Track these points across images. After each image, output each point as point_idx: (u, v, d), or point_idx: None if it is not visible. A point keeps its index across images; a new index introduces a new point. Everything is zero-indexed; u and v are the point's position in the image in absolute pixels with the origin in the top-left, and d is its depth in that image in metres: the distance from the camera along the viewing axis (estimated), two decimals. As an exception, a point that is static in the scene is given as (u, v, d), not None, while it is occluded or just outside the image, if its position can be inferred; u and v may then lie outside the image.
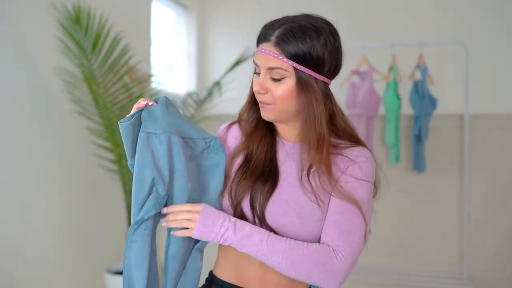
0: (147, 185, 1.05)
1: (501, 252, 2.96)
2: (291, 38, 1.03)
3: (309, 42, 1.03)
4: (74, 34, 2.26)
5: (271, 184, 1.09)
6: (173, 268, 1.09)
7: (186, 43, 3.72)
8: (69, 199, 2.48)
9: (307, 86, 1.05)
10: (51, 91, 2.35)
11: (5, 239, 2.10)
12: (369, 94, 2.82)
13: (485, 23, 3.07)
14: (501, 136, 2.96)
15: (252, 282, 1.12)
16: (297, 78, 1.04)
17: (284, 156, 1.14)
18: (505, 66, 3.03)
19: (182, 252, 1.09)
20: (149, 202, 1.05)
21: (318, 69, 1.05)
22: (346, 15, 3.22)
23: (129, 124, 1.04)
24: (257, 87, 1.07)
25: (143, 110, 1.07)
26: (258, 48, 1.08)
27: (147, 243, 1.05)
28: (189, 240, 1.11)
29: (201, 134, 1.14)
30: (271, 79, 1.06)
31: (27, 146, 2.22)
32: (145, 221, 1.04)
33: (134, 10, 3.03)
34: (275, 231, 1.07)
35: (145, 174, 1.05)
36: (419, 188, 3.08)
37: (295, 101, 1.07)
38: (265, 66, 1.06)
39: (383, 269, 2.99)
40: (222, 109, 3.28)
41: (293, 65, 1.03)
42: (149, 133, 1.06)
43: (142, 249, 1.04)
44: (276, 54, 1.04)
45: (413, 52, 2.90)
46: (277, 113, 1.09)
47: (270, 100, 1.07)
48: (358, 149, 1.11)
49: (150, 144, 1.06)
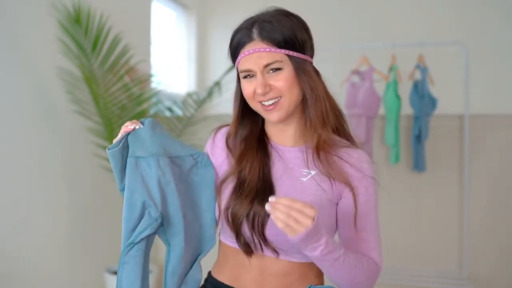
0: (138, 209, 1.06)
1: (501, 252, 2.95)
2: (273, 28, 1.03)
3: (289, 26, 1.04)
4: (74, 34, 2.26)
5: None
6: (172, 283, 1.09)
7: (186, 43, 3.72)
8: (69, 199, 2.48)
9: (303, 70, 1.05)
10: (51, 91, 2.35)
11: (5, 239, 2.10)
12: (369, 94, 2.82)
13: (485, 23, 3.07)
14: (501, 136, 2.96)
15: (249, 285, 1.11)
16: (293, 64, 1.04)
17: (280, 170, 1.11)
18: (505, 66, 3.03)
19: (181, 267, 1.09)
20: (142, 225, 1.06)
21: (304, 50, 1.06)
22: (346, 15, 3.22)
23: (117, 151, 1.05)
24: (261, 88, 1.04)
25: (129, 134, 1.07)
26: (242, 53, 1.06)
27: (139, 265, 1.05)
28: (188, 256, 1.11)
29: (188, 150, 1.15)
30: (270, 74, 1.04)
31: (27, 146, 2.22)
32: (137, 243, 1.05)
33: (134, 10, 3.03)
34: (277, 251, 1.07)
35: (136, 199, 1.06)
36: (419, 188, 3.07)
37: (298, 88, 1.06)
38: (260, 65, 1.04)
39: (383, 269, 2.99)
40: (222, 109, 3.27)
41: (286, 53, 1.03)
42: (137, 157, 1.07)
43: (134, 271, 1.05)
44: (268, 48, 1.03)
45: (413, 52, 2.90)
46: (286, 107, 1.06)
47: (276, 94, 1.05)
48: (354, 151, 1.10)
49: (139, 168, 1.07)
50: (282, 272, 1.09)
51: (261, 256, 1.09)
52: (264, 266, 1.10)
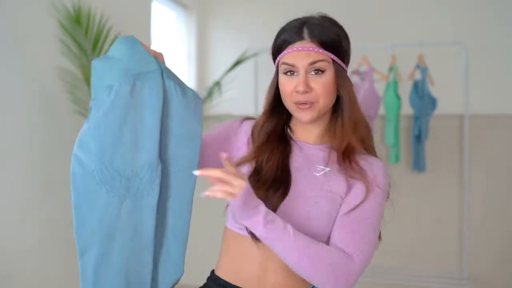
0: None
1: (501, 252, 2.96)
2: (323, 31, 1.06)
3: (336, 33, 1.08)
4: (74, 34, 2.26)
5: (282, 192, 1.08)
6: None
7: (186, 43, 3.72)
8: (69, 199, 2.48)
9: (343, 76, 1.09)
10: (51, 91, 2.35)
11: (4, 239, 2.10)
12: (369, 94, 2.82)
13: (485, 23, 3.07)
14: (501, 136, 2.96)
15: (251, 283, 1.11)
16: (335, 69, 1.08)
17: (300, 163, 1.13)
18: (505, 66, 3.04)
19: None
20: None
21: (345, 59, 1.11)
22: (346, 15, 3.21)
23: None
24: (302, 87, 1.05)
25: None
26: (290, 48, 1.07)
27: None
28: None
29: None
30: (312, 75, 1.07)
31: (27, 146, 2.22)
32: None
33: (134, 10, 3.03)
34: None
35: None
36: (419, 188, 3.08)
37: (334, 94, 1.10)
38: (305, 63, 1.06)
39: (383, 269, 2.99)
40: (222, 109, 3.29)
41: (331, 57, 1.07)
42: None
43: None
44: (316, 48, 1.06)
45: (413, 52, 2.90)
46: (318, 111, 1.08)
47: (313, 98, 1.07)
48: (372, 159, 1.14)
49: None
50: (283, 267, 1.09)
51: (264, 246, 1.08)
52: (266, 258, 1.10)
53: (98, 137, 0.96)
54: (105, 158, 0.97)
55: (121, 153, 0.98)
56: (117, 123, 0.97)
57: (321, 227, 1.07)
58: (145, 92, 0.99)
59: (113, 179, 0.98)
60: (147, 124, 0.99)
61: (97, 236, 0.98)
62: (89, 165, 0.97)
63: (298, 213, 1.07)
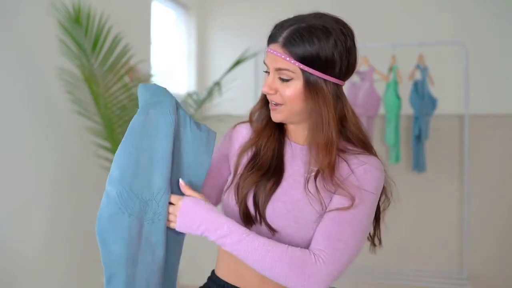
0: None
1: (501, 252, 2.96)
2: (299, 39, 1.01)
3: (317, 43, 1.01)
4: (74, 34, 2.26)
5: (274, 182, 1.09)
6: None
7: (186, 43, 3.72)
8: (69, 199, 2.48)
9: (315, 89, 1.03)
10: (51, 91, 2.35)
11: (4, 238, 2.10)
12: (369, 94, 2.82)
13: (485, 23, 3.07)
14: (501, 136, 2.96)
15: (250, 284, 1.11)
16: (304, 80, 1.03)
17: (291, 157, 1.13)
18: (505, 66, 3.04)
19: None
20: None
21: (328, 70, 1.02)
22: (346, 15, 3.21)
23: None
24: (266, 88, 1.06)
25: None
26: (267, 48, 1.08)
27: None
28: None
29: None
30: (279, 80, 1.05)
31: (27, 146, 2.22)
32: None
33: (134, 10, 3.03)
34: (276, 232, 1.07)
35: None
36: (419, 188, 3.08)
37: (304, 103, 1.05)
38: (273, 66, 1.05)
39: (383, 269, 2.99)
40: (222, 109, 3.28)
41: (300, 67, 1.02)
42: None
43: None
44: (284, 55, 1.02)
45: (413, 52, 2.90)
46: (287, 114, 1.08)
47: (280, 100, 1.06)
48: (365, 157, 1.07)
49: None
50: None
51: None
52: None
53: (118, 163, 1.01)
54: (124, 182, 1.01)
55: (139, 178, 1.02)
56: (134, 149, 1.02)
57: (306, 230, 1.05)
58: (158, 118, 1.04)
59: (133, 202, 1.01)
60: (161, 149, 1.03)
61: (124, 261, 1.01)
62: (112, 191, 1.01)
63: (282, 214, 1.07)
